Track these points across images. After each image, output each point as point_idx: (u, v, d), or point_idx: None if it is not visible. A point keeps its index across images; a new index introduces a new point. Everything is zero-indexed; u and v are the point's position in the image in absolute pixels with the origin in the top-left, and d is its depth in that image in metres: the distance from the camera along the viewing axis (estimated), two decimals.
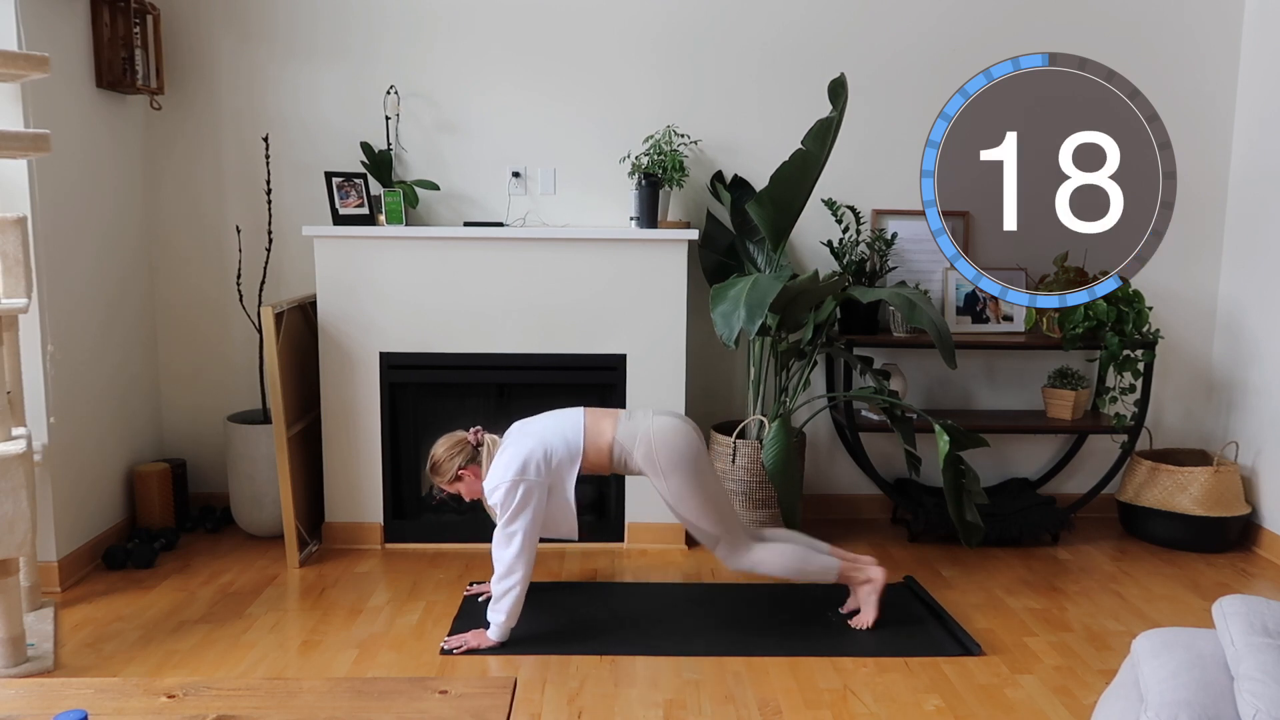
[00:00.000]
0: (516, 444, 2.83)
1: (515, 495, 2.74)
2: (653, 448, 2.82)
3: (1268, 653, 1.54)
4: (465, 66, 3.81)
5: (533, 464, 2.77)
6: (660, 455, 2.81)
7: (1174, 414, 4.10)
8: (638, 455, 2.83)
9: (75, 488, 3.31)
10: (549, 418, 2.93)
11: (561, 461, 2.82)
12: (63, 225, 3.23)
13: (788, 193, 3.38)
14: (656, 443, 2.82)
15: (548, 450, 2.81)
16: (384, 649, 2.82)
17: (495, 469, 2.80)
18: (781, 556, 2.92)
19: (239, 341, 3.90)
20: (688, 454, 2.83)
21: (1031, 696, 2.58)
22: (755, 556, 2.90)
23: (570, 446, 2.83)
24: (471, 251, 3.53)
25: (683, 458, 2.82)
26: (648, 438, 2.83)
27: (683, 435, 2.85)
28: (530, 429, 2.90)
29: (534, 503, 2.77)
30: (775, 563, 2.92)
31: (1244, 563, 3.62)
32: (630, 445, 2.84)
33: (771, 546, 2.93)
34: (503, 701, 1.71)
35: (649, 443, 2.82)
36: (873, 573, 2.97)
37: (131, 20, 3.48)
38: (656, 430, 2.84)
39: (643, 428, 2.85)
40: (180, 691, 1.75)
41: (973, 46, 3.76)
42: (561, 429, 2.86)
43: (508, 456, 2.80)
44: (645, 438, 2.83)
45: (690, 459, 2.83)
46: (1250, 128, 3.88)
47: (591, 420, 2.88)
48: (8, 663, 2.59)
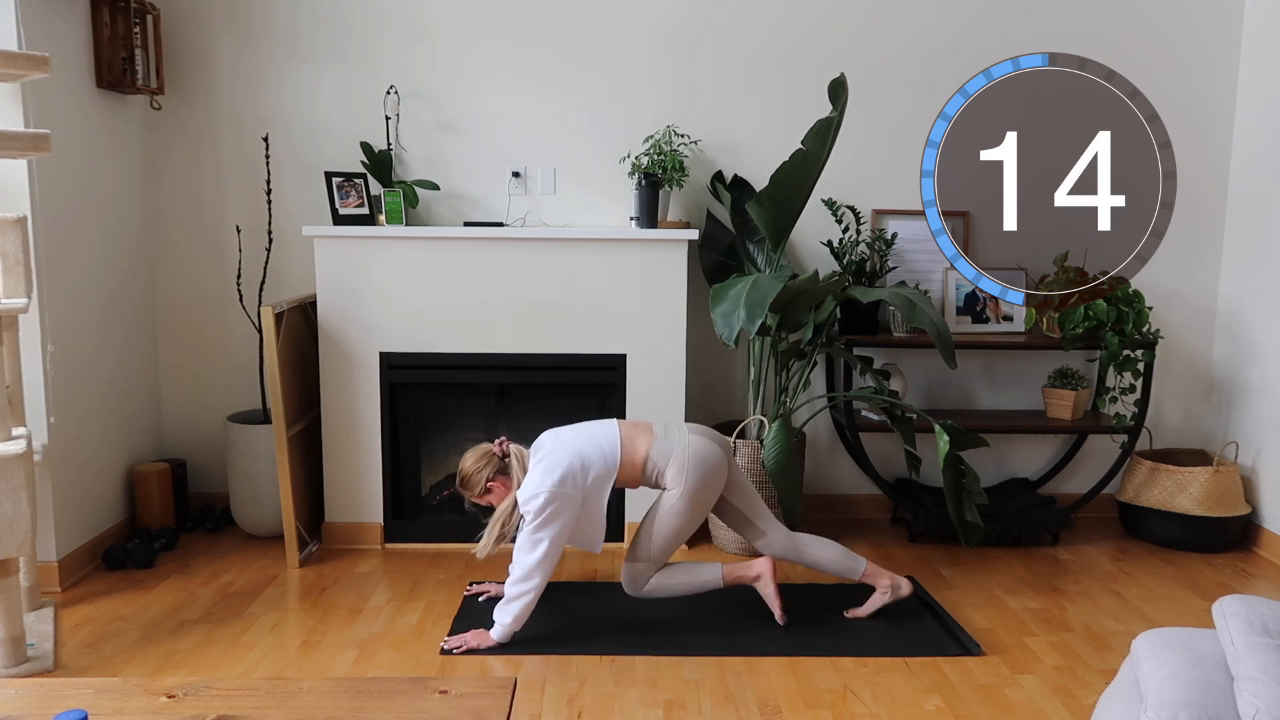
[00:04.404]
0: (553, 454, 2.82)
1: (551, 505, 2.75)
2: (686, 469, 2.85)
3: (1268, 653, 1.54)
4: (465, 66, 3.81)
5: (570, 477, 2.78)
6: (690, 477, 2.85)
7: (1174, 414, 4.10)
8: (670, 472, 2.86)
9: (75, 487, 3.31)
10: (582, 429, 2.93)
11: (599, 475, 2.83)
12: (63, 225, 3.23)
13: (788, 193, 3.38)
14: (691, 465, 2.85)
15: (585, 462, 2.81)
16: (384, 649, 2.82)
17: (532, 478, 2.79)
18: (665, 579, 2.93)
19: (239, 341, 3.90)
20: (714, 482, 2.89)
21: (1031, 696, 2.58)
22: (650, 585, 2.93)
23: (607, 461, 2.84)
24: (471, 251, 3.53)
25: (705, 486, 2.88)
26: (683, 458, 2.86)
27: (716, 464, 2.89)
28: (564, 439, 2.88)
29: (567, 514, 2.78)
30: (663, 585, 2.93)
31: (1244, 563, 3.62)
32: (664, 463, 2.87)
33: (660, 573, 2.94)
34: (503, 701, 1.71)
35: (683, 463, 2.85)
36: (758, 567, 2.97)
37: (131, 20, 3.48)
38: (693, 453, 2.86)
39: (679, 447, 2.87)
40: (180, 691, 1.75)
41: (973, 46, 3.76)
42: (598, 442, 2.86)
43: (545, 465, 2.79)
44: (680, 458, 2.86)
45: (711, 490, 2.90)
46: (1250, 128, 3.88)
47: (627, 434, 2.89)
48: (8, 663, 2.59)
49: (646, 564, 2.91)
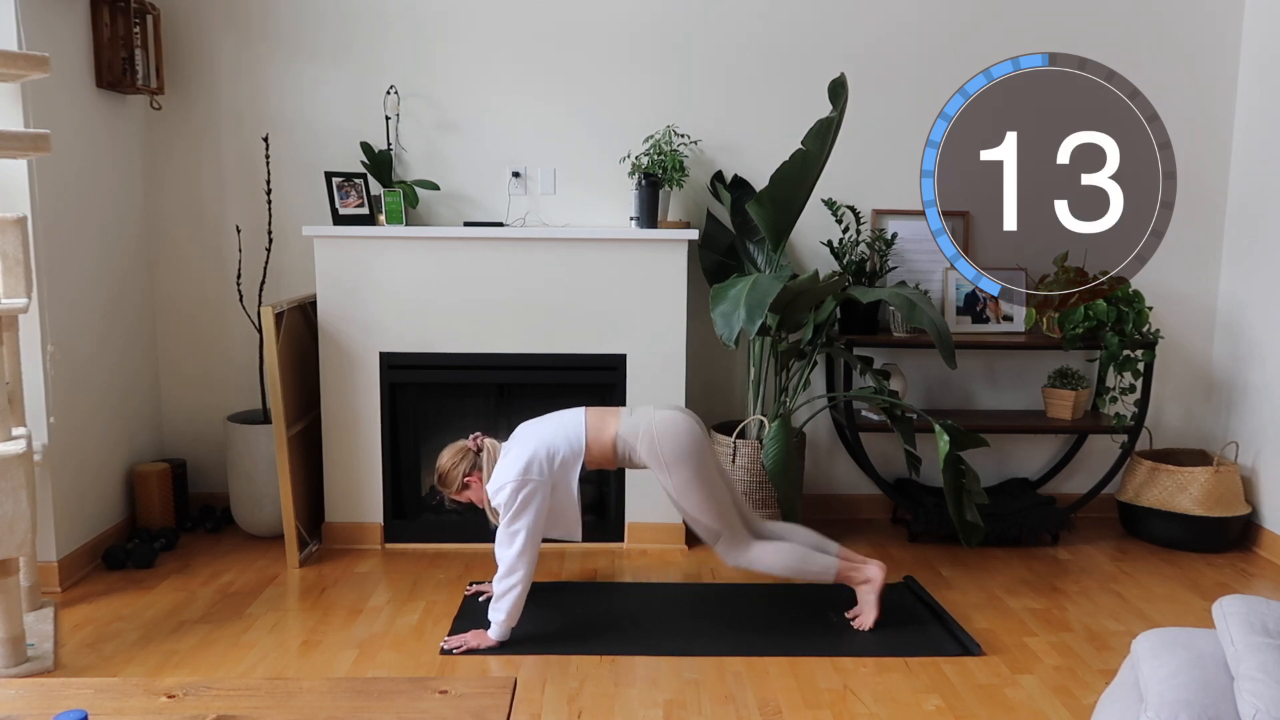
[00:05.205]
0: (520, 445, 2.85)
1: (519, 495, 2.76)
2: (655, 440, 2.84)
3: (1268, 653, 1.54)
4: (465, 66, 3.81)
5: (536, 464, 2.79)
6: (664, 447, 2.83)
7: (1174, 414, 4.10)
8: (641, 449, 2.86)
9: (75, 488, 3.31)
10: (552, 418, 2.95)
11: (565, 459, 2.84)
12: (63, 225, 3.23)
13: (788, 193, 3.38)
14: (659, 435, 2.84)
15: (550, 449, 2.83)
16: (384, 649, 2.82)
17: (499, 470, 2.82)
18: (779, 555, 2.92)
19: (239, 341, 3.90)
20: (690, 446, 2.85)
21: (1031, 696, 2.58)
22: (754, 554, 2.91)
23: (573, 444, 2.85)
24: (471, 251, 3.53)
25: (685, 449, 2.84)
26: (650, 431, 2.85)
27: (685, 427, 2.87)
28: (531, 430, 2.92)
29: (536, 502, 2.78)
30: (773, 561, 2.92)
31: (1244, 563, 3.62)
32: (633, 439, 2.86)
33: (770, 545, 2.93)
34: (503, 701, 1.71)
35: (652, 436, 2.84)
36: (871, 572, 2.96)
37: (131, 20, 3.48)
38: (659, 423, 2.86)
39: (645, 421, 2.87)
40: (180, 691, 1.75)
41: (973, 46, 3.76)
42: (564, 427, 2.88)
43: (511, 457, 2.82)
44: (648, 431, 2.85)
45: (694, 450, 2.86)
46: (1250, 128, 3.88)
47: (594, 418, 2.91)
48: (8, 663, 2.59)
49: (724, 539, 2.89)
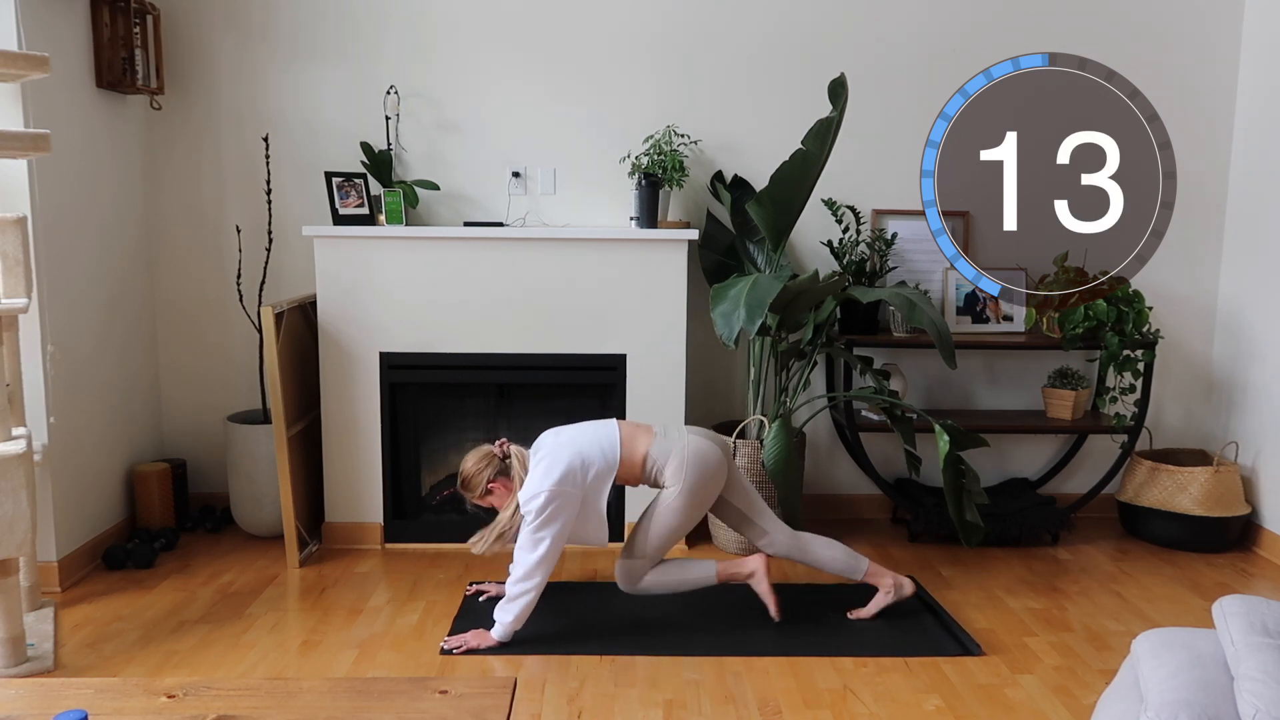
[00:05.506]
0: (553, 453, 2.83)
1: (552, 505, 2.76)
2: (685, 466, 2.86)
3: (1268, 653, 1.54)
4: (465, 66, 3.81)
5: (571, 475, 2.79)
6: (689, 475, 2.86)
7: (1174, 414, 4.10)
8: (669, 471, 2.87)
9: (75, 487, 3.31)
10: (583, 428, 2.94)
11: (599, 472, 2.84)
12: (63, 225, 3.23)
13: (788, 193, 3.38)
14: (690, 463, 2.86)
15: (585, 461, 2.82)
16: (384, 649, 2.82)
17: (533, 477, 2.80)
18: (660, 575, 2.94)
19: (239, 341, 3.90)
20: (711, 483, 2.90)
21: (1031, 696, 2.58)
22: (645, 582, 2.93)
23: (607, 458, 2.85)
24: (471, 251, 3.53)
25: (704, 485, 2.88)
26: (682, 455, 2.87)
27: (715, 463, 2.89)
28: (565, 438, 2.89)
29: (567, 512, 2.79)
30: (658, 581, 2.94)
31: (1244, 563, 3.62)
32: (664, 461, 2.88)
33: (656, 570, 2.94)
34: (503, 701, 1.71)
35: (682, 460, 2.86)
36: (752, 564, 2.98)
37: (131, 20, 3.48)
38: (692, 451, 2.87)
39: (678, 445, 2.88)
40: (180, 691, 1.75)
41: (973, 46, 3.76)
42: (598, 440, 2.88)
43: (546, 465, 2.80)
44: (680, 455, 2.87)
45: (710, 489, 2.90)
46: (1250, 128, 3.88)
47: (627, 433, 2.91)
48: (8, 663, 2.59)
49: (642, 560, 2.91)
